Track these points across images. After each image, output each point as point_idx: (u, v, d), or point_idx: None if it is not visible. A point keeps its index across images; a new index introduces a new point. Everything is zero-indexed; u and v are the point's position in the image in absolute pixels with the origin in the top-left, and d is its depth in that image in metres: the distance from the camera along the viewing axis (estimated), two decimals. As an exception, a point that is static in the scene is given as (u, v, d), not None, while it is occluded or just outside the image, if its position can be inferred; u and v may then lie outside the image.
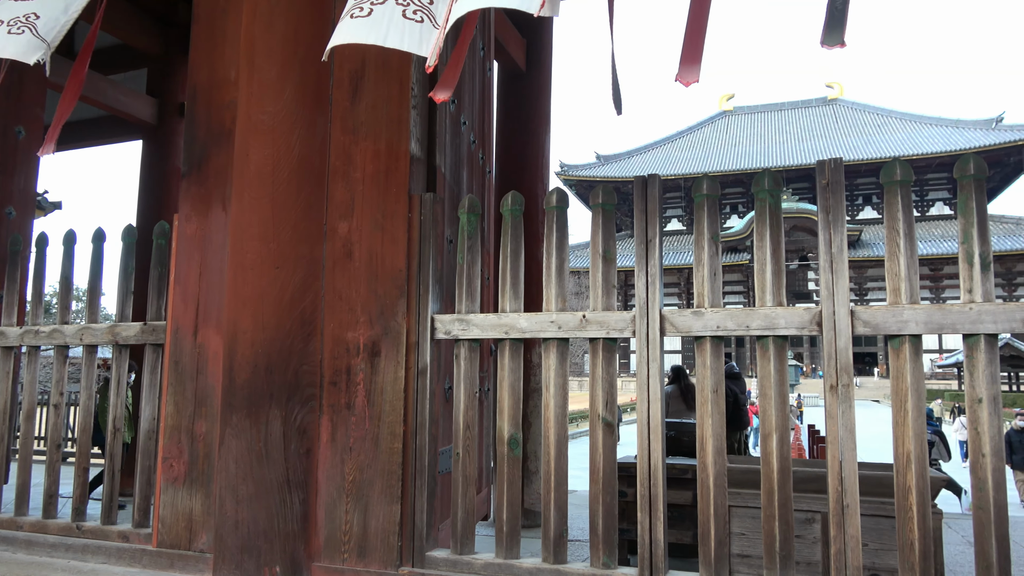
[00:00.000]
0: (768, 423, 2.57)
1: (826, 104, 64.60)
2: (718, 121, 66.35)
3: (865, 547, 3.18)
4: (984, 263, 2.41)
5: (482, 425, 4.16)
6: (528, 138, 6.08)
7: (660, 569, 2.62)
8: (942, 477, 3.13)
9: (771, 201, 2.66)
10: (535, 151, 6.24)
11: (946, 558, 4.56)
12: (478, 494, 4.09)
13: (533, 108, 6.17)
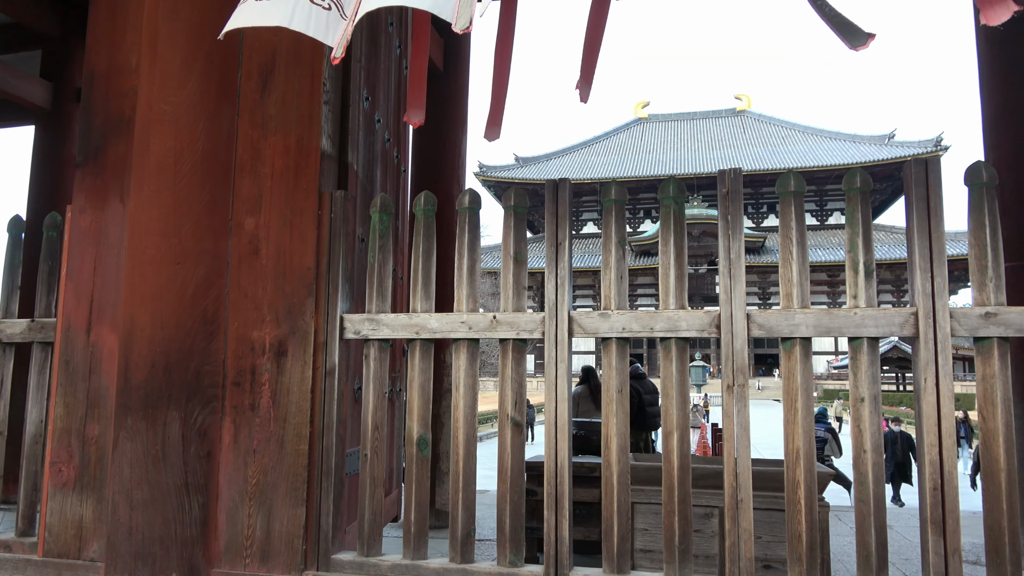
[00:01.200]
0: (670, 422, 2.66)
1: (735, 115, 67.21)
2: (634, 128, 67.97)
3: (759, 539, 3.34)
4: (868, 271, 2.58)
5: (393, 426, 4.13)
6: (445, 138, 6.08)
7: (565, 566, 2.67)
8: (829, 472, 3.31)
9: (675, 208, 2.75)
10: (452, 151, 6.24)
11: (834, 548, 4.84)
12: (388, 495, 4.05)
13: (450, 108, 6.17)
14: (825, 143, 58.41)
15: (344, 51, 2.47)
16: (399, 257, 4.30)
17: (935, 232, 2.51)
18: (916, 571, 4.42)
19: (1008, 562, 2.37)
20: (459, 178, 6.25)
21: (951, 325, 2.47)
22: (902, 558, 4.79)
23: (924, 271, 2.51)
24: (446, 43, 6.17)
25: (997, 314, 2.44)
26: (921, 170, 2.54)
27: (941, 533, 2.40)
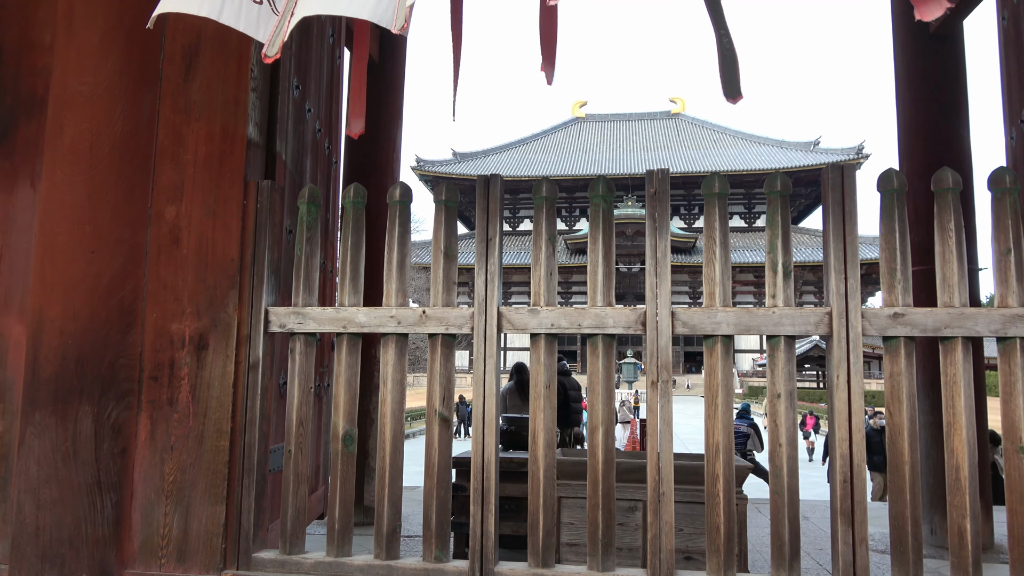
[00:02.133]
0: (595, 417, 2.70)
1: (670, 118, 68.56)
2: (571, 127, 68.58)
3: (680, 532, 3.42)
4: (786, 272, 2.67)
5: (320, 422, 4.06)
6: (379, 130, 5.99)
7: (490, 560, 2.68)
8: (748, 465, 3.43)
9: (605, 206, 2.79)
10: (386, 144, 6.16)
11: (754, 539, 5.01)
12: (314, 492, 3.99)
13: (385, 100, 6.09)
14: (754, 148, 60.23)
15: (279, 50, 2.40)
16: (329, 250, 4.22)
17: (849, 235, 2.62)
18: (829, 560, 4.60)
19: (911, 550, 2.50)
20: (394, 171, 6.18)
21: (862, 325, 2.58)
22: (817, 548, 4.99)
23: (838, 272, 2.61)
24: (382, 35, 6.09)
25: (904, 315, 2.56)
26: (837, 175, 2.65)
27: (850, 523, 2.51)
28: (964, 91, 5.57)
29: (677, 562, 3.32)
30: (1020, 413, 2.49)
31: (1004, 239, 2.57)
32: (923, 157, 5.37)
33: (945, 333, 2.54)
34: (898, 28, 5.76)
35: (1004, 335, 2.51)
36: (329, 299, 4.20)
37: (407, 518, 5.56)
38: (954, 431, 2.53)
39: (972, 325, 2.52)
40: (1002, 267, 2.57)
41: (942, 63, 5.50)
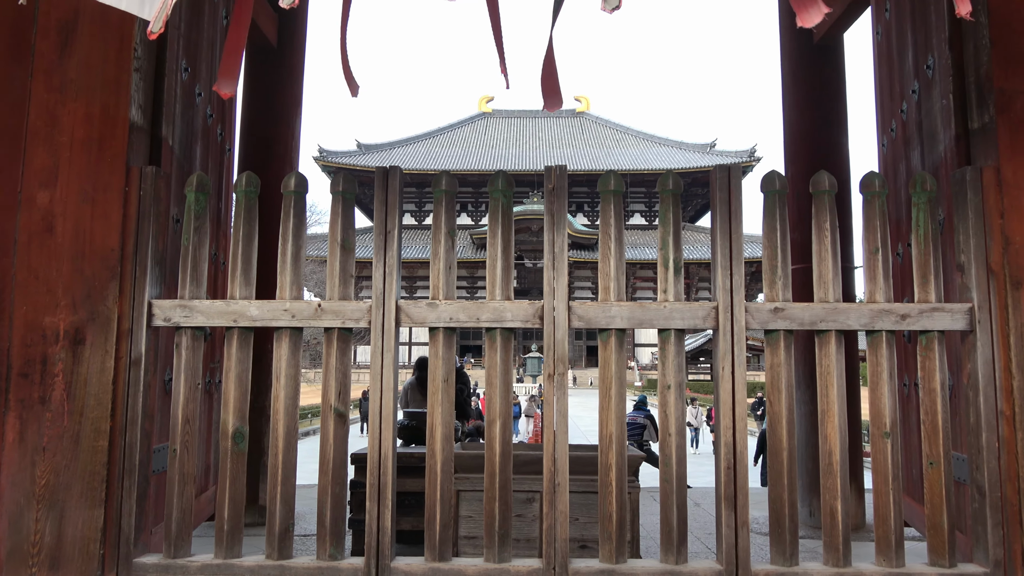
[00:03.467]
0: (493, 410, 2.72)
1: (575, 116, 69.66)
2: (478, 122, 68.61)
3: (576, 521, 3.50)
4: (676, 268, 2.77)
5: (211, 419, 3.91)
6: (277, 118, 5.80)
7: (387, 556, 2.66)
8: (640, 455, 3.54)
9: (504, 201, 2.81)
10: (284, 133, 5.97)
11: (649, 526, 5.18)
12: (203, 493, 3.83)
13: (284, 87, 5.89)
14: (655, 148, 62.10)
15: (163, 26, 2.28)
16: (222, 241, 4.06)
17: (735, 234, 2.74)
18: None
19: (787, 531, 2.65)
20: (292, 161, 6.00)
21: (746, 319, 2.71)
22: (707, 532, 5.21)
23: (724, 269, 2.73)
24: (280, 19, 5.89)
25: (784, 309, 2.71)
26: (725, 176, 2.77)
27: (733, 508, 2.64)
28: (844, 100, 5.93)
29: (572, 551, 3.39)
30: (885, 401, 2.69)
31: (873, 239, 2.76)
32: (806, 161, 5.69)
33: (820, 327, 2.70)
34: (785, 39, 6.07)
35: (872, 328, 2.70)
36: (222, 292, 4.04)
37: (305, 517, 5.44)
38: (828, 418, 2.70)
39: (844, 319, 2.70)
40: (871, 265, 2.76)
41: (824, 73, 5.84)
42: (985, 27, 2.81)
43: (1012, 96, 2.76)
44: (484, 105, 70.29)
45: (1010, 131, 2.74)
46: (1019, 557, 2.58)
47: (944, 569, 2.61)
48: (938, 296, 2.75)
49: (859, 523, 5.15)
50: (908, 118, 3.67)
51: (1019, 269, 2.66)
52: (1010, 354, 2.63)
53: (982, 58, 2.84)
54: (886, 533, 2.64)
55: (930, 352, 2.72)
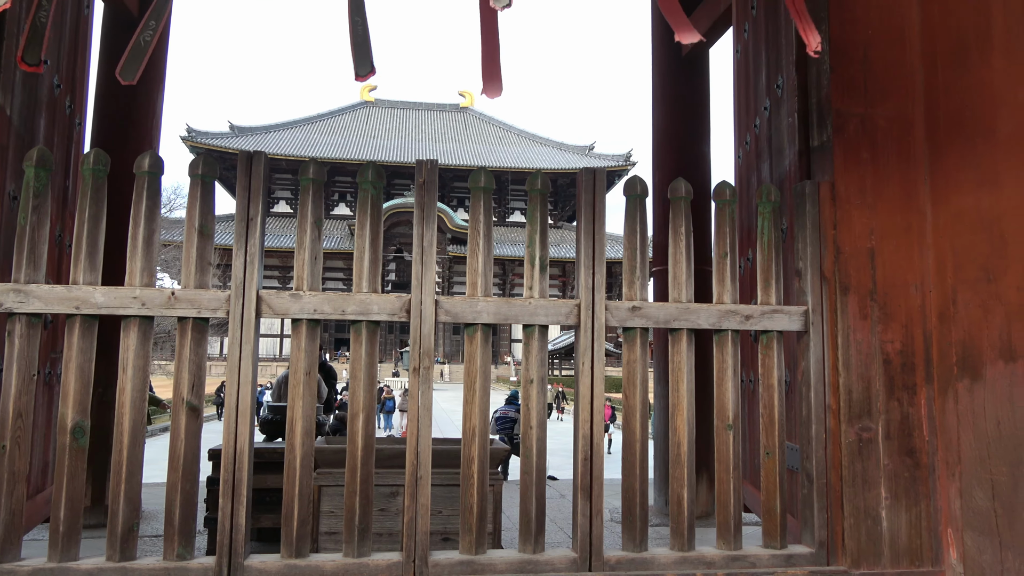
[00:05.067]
0: (356, 404, 2.69)
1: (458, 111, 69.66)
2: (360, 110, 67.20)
3: (439, 514, 3.52)
4: (542, 265, 2.84)
5: (51, 413, 3.63)
6: (136, 92, 5.44)
7: (240, 554, 2.57)
8: (504, 448, 3.61)
9: (373, 192, 2.78)
10: (145, 110, 5.62)
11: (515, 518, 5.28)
12: (40, 493, 3.55)
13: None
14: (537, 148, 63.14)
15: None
16: (68, 222, 3.78)
17: (598, 235, 2.85)
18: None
19: (638, 519, 2.79)
20: (152, 139, 5.66)
21: (606, 316, 2.82)
22: (569, 523, 5.38)
23: (587, 268, 2.84)
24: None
25: (641, 308, 2.84)
26: (590, 178, 2.87)
27: (588, 497, 2.74)
28: (708, 112, 6.28)
29: (435, 543, 3.42)
30: (729, 396, 2.88)
31: (723, 244, 2.95)
32: (672, 168, 5.98)
33: (674, 325, 2.86)
34: (656, 51, 6.35)
35: (719, 328, 2.89)
36: (67, 276, 3.75)
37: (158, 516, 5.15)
38: (678, 412, 2.86)
39: (695, 319, 2.87)
40: (720, 268, 2.95)
41: (691, 85, 6.17)
42: (826, 53, 3.07)
43: (847, 118, 3.03)
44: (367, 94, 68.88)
45: (844, 150, 3.00)
46: (840, 538, 2.84)
47: (776, 550, 2.83)
48: (778, 299, 2.97)
49: (709, 510, 5.48)
50: (760, 133, 3.94)
51: (847, 276, 2.92)
52: (837, 353, 2.89)
53: (823, 82, 3.09)
54: (726, 518, 2.83)
55: (770, 350, 2.94)
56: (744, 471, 4.24)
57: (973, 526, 2.76)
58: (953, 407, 2.84)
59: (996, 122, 2.89)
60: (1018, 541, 2.73)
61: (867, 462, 2.85)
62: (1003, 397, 2.79)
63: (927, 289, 2.96)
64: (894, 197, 2.99)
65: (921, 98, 3.06)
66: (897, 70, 3.08)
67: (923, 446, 2.90)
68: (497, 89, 2.52)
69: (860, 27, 3.07)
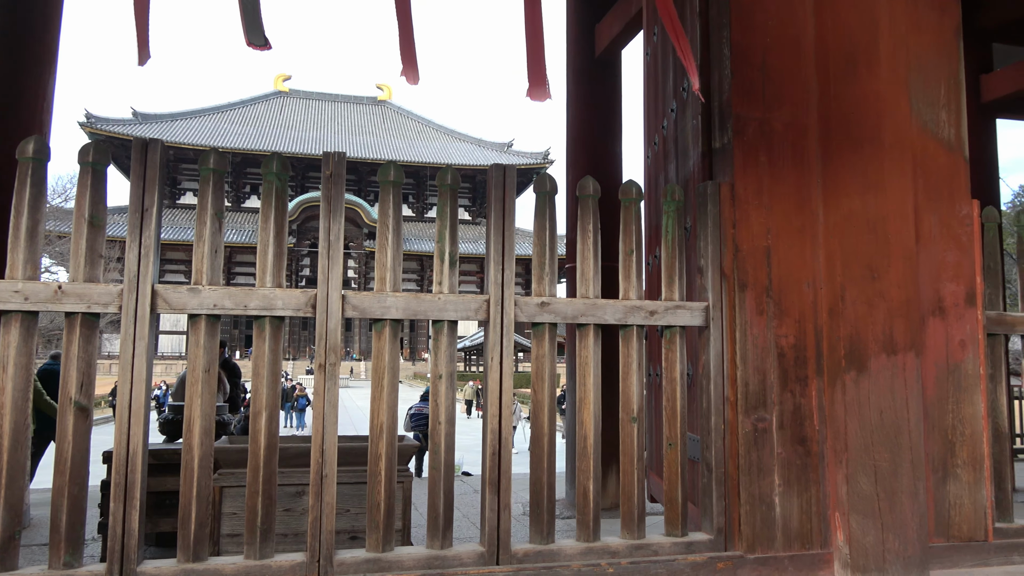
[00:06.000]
0: (259, 401, 2.62)
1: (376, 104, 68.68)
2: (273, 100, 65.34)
3: (347, 512, 3.47)
4: (452, 261, 2.84)
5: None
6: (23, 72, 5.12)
7: (132, 560, 2.46)
8: (414, 444, 3.59)
9: (278, 184, 2.71)
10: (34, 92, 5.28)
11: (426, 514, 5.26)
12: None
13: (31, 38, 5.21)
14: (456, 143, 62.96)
15: None
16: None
17: (507, 231, 2.87)
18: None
19: (545, 511, 2.83)
20: (42, 125, 5.33)
21: (515, 312, 2.85)
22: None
23: (497, 264, 2.85)
24: (32, -38, 5.20)
25: (550, 304, 2.88)
26: (500, 175, 2.88)
27: (496, 491, 2.76)
28: (620, 112, 6.42)
29: (343, 542, 3.37)
30: (634, 389, 2.96)
31: (629, 242, 3.02)
32: (585, 167, 6.08)
33: (581, 320, 2.91)
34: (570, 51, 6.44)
35: (624, 323, 2.96)
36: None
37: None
38: (584, 405, 2.91)
39: (602, 314, 2.92)
40: (626, 265, 3.02)
41: (604, 86, 6.28)
42: (728, 59, 3.18)
43: (747, 122, 3.15)
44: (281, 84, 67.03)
45: (743, 152, 3.12)
46: (736, 524, 2.96)
47: (677, 538, 2.93)
48: (681, 295, 3.07)
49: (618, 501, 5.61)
50: (668, 134, 4.06)
51: (745, 274, 3.04)
52: (735, 347, 3.01)
53: (724, 86, 3.21)
54: (630, 509, 2.91)
55: (673, 345, 3.04)
56: (651, 462, 4.36)
57: (858, 509, 2.93)
58: (841, 398, 3.00)
59: (881, 130, 3.08)
60: (898, 523, 2.91)
61: (762, 451, 2.98)
62: (885, 388, 2.97)
63: (818, 286, 3.12)
64: (789, 198, 3.13)
65: (815, 105, 3.22)
66: (793, 77, 3.22)
67: (813, 435, 3.06)
68: (415, 75, 2.49)
69: (760, 35, 3.20)
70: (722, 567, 2.88)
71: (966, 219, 3.26)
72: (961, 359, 3.19)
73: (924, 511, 2.99)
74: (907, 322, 3.01)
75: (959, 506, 3.13)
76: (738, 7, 3.19)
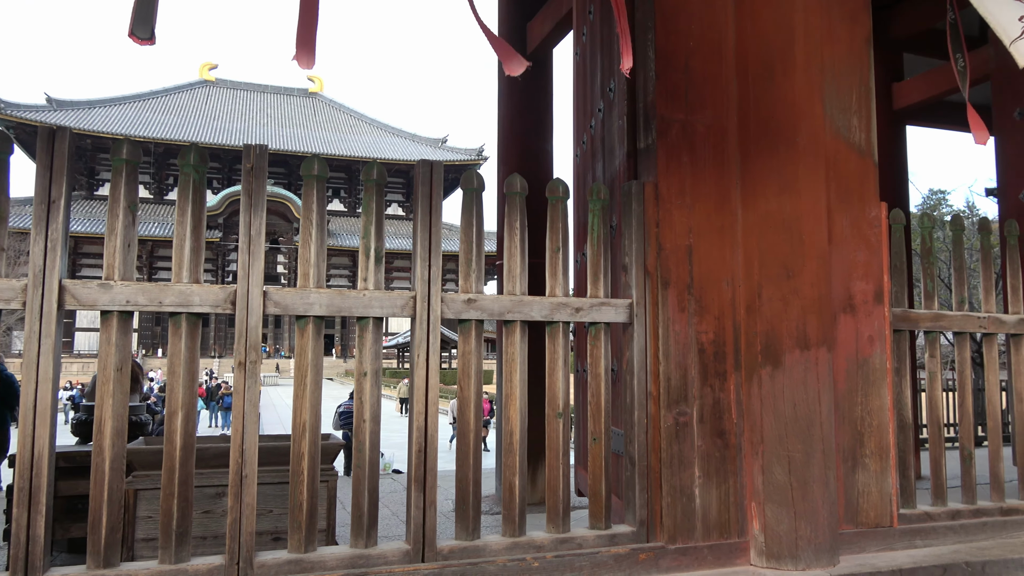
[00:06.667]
0: (175, 401, 2.54)
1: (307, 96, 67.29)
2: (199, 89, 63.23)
3: (270, 513, 3.40)
4: (378, 257, 2.81)
5: None
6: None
7: (37, 568, 2.35)
8: (339, 443, 3.54)
9: (195, 176, 2.63)
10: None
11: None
12: None
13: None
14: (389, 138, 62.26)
15: None
16: None
17: (434, 227, 2.86)
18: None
19: (471, 507, 2.83)
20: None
21: (441, 308, 2.84)
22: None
23: (423, 260, 2.84)
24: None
25: (476, 300, 2.88)
26: (427, 170, 2.87)
27: (422, 489, 2.75)
28: (550, 110, 6.47)
29: (266, 544, 3.30)
30: (559, 385, 2.99)
31: (555, 239, 3.06)
32: (516, 164, 6.11)
33: (507, 317, 2.93)
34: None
35: (551, 320, 2.99)
36: None
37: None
38: (510, 401, 2.93)
39: (528, 311, 2.95)
40: (553, 263, 3.05)
41: (535, 84, 6.32)
42: (652, 62, 3.25)
43: (670, 123, 3.23)
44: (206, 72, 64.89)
45: (667, 153, 3.20)
46: (658, 516, 3.03)
47: (601, 531, 2.98)
48: (607, 292, 3.12)
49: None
50: (595, 133, 4.11)
51: (667, 271, 3.12)
52: (658, 343, 3.08)
53: (649, 88, 3.27)
54: (555, 503, 2.94)
55: (598, 341, 3.09)
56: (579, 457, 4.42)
57: (773, 499, 3.05)
58: (757, 391, 3.11)
59: (796, 134, 3.20)
60: (809, 511, 3.04)
61: (683, 444, 3.06)
62: (799, 382, 3.09)
63: (737, 284, 3.22)
64: (710, 199, 3.22)
65: (735, 108, 3.32)
66: (715, 81, 3.31)
67: (732, 428, 3.16)
68: (310, 59, 2.43)
69: (683, 38, 3.28)
70: (644, 558, 2.95)
71: (875, 221, 3.42)
72: (869, 354, 3.35)
73: (835, 499, 3.13)
74: (820, 319, 3.14)
75: (867, 494, 3.29)
76: (662, 12, 3.26)
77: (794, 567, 2.98)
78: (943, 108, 7.94)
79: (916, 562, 3.15)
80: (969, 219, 26.97)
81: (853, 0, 3.48)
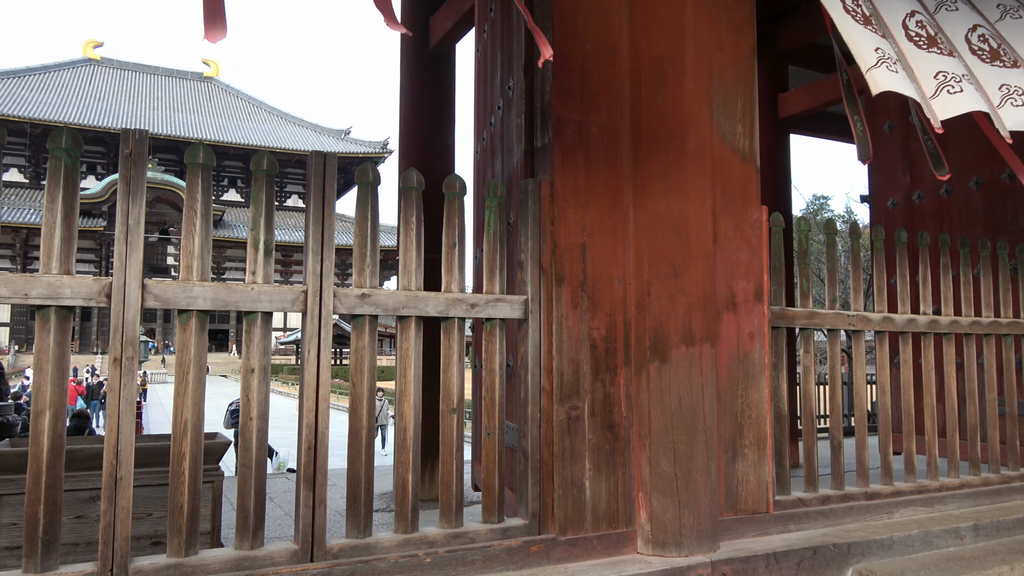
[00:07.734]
0: (42, 400, 2.38)
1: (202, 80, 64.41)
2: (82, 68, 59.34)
3: (150, 517, 3.24)
4: (267, 249, 2.73)
5: None
6: None
7: None
8: (225, 442, 3.42)
9: (68, 161, 2.47)
10: None
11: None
12: None
13: None
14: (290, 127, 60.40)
15: None
16: None
17: (327, 220, 2.80)
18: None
19: (363, 505, 2.80)
20: None
21: (334, 303, 2.79)
22: (304, 515, 5.23)
23: (316, 254, 2.78)
24: None
25: (370, 295, 2.85)
26: (321, 162, 2.81)
27: (311, 487, 2.70)
28: (453, 105, 6.46)
29: (144, 548, 3.14)
30: (454, 381, 3.00)
31: (451, 235, 3.06)
32: (417, 159, 6.07)
33: (403, 312, 2.91)
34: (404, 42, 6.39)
35: (446, 316, 2.99)
36: None
37: None
38: (404, 398, 2.91)
39: (423, 306, 2.94)
40: (449, 258, 3.05)
41: (437, 78, 6.29)
42: (550, 61, 3.30)
43: (566, 123, 3.29)
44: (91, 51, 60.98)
45: (562, 152, 3.26)
46: (550, 508, 3.09)
47: (494, 524, 3.01)
48: (502, 288, 3.15)
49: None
50: (495, 130, 4.14)
51: (562, 268, 3.18)
52: (552, 339, 3.14)
53: (546, 88, 3.32)
54: (449, 498, 2.95)
55: (493, 337, 3.11)
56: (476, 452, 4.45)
57: (659, 489, 3.16)
58: (646, 386, 3.22)
59: (685, 138, 3.33)
60: (693, 500, 3.18)
61: (574, 438, 3.13)
62: (684, 376, 3.22)
63: (628, 282, 3.32)
64: (603, 198, 3.31)
65: (628, 111, 3.42)
66: (609, 83, 3.40)
67: (621, 421, 3.26)
68: (220, 31, 2.29)
69: (579, 41, 3.35)
70: (535, 550, 3.00)
71: (756, 223, 3.61)
72: (750, 349, 3.53)
73: (716, 488, 3.28)
74: (704, 316, 3.28)
75: (746, 482, 3.47)
76: (560, 14, 3.32)
77: (678, 554, 3.11)
78: (825, 119, 8.45)
79: (789, 545, 3.35)
80: (845, 223, 28.86)
81: (739, 13, 3.65)
